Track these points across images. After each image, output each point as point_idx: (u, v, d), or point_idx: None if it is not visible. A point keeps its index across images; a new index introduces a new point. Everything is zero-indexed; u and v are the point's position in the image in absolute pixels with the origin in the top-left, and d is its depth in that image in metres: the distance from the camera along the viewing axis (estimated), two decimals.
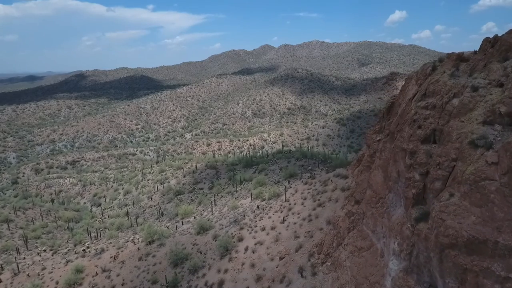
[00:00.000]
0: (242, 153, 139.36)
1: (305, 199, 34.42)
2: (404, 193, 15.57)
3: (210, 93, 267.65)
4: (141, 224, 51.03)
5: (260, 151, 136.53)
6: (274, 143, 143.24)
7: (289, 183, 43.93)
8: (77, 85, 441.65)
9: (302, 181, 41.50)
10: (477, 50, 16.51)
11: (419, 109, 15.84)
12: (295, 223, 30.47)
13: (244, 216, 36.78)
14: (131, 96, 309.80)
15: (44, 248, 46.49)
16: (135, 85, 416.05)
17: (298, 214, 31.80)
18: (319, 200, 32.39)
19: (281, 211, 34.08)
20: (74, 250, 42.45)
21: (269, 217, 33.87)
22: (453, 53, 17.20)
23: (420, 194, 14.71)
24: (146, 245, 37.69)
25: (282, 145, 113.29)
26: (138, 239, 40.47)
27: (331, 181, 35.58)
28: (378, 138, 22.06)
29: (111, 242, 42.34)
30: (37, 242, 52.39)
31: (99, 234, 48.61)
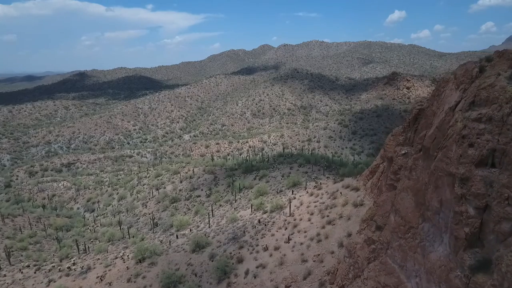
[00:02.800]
0: (241, 155, 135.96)
1: (312, 214, 30.96)
2: (452, 230, 12.12)
3: (209, 93, 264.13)
4: (133, 236, 47.57)
5: (260, 153, 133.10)
6: (274, 144, 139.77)
7: (292, 193, 40.47)
8: (75, 85, 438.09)
9: (307, 192, 38.04)
10: None
11: (468, 122, 12.40)
12: (301, 244, 27.01)
13: (244, 232, 33.29)
14: (130, 96, 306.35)
15: (27, 264, 42.94)
16: (134, 85, 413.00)
17: (305, 232, 28.34)
18: (328, 216, 28.93)
19: (286, 228, 30.62)
20: (59, 267, 38.93)
21: (272, 235, 30.42)
22: (505, 50, 13.76)
23: (476, 233, 11.27)
24: (136, 263, 34.20)
25: (283, 148, 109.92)
26: (128, 256, 36.96)
27: (341, 193, 32.14)
28: (403, 152, 18.61)
29: (99, 258, 38.83)
30: (22, 255, 48.89)
31: (87, 248, 45.06)
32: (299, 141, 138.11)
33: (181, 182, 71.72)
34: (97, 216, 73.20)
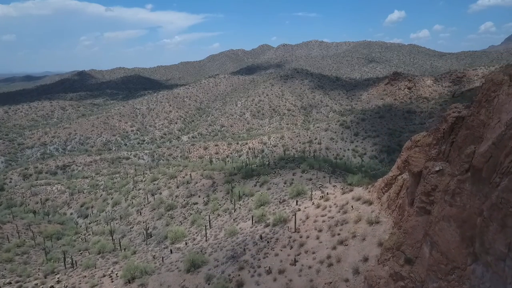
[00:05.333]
0: (240, 157, 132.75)
1: (320, 230, 27.72)
2: None
3: (208, 93, 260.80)
4: (125, 249, 44.28)
5: (260, 155, 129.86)
6: (275, 146, 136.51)
7: (297, 204, 37.22)
8: (73, 86, 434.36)
9: (313, 203, 34.78)
10: None
11: None
12: (310, 267, 23.76)
13: (244, 249, 30.02)
14: (128, 97, 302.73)
15: (9, 280, 39.62)
16: (132, 85, 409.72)
17: (313, 253, 25.08)
18: (339, 234, 25.68)
19: (291, 247, 27.35)
20: (42, 285, 35.64)
21: (276, 255, 27.15)
22: None
23: None
24: (125, 283, 30.93)
25: (284, 150, 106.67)
26: (116, 274, 33.68)
27: (352, 207, 28.88)
28: (437, 169, 15.38)
29: (85, 276, 35.55)
30: (5, 269, 45.54)
31: (74, 263, 41.70)
32: (299, 142, 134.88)
33: (177, 187, 68.47)
34: (89, 223, 69.97)
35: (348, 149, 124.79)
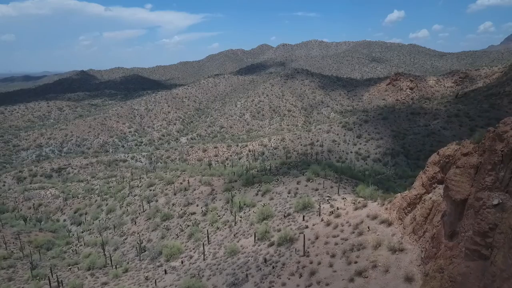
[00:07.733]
0: (240, 160, 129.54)
1: (333, 256, 24.36)
2: None
3: (207, 94, 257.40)
4: (116, 266, 40.87)
5: (260, 158, 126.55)
6: (275, 148, 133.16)
7: (303, 219, 33.86)
8: (72, 86, 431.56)
9: (322, 220, 31.42)
10: None
11: None
12: None
13: (246, 275, 26.65)
14: (127, 97, 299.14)
15: None
16: (131, 85, 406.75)
17: (327, 285, 21.71)
18: (356, 263, 22.34)
19: (300, 275, 23.99)
20: None
21: (283, 284, 23.78)
22: None
23: None
24: None
25: (285, 153, 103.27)
26: None
27: (368, 228, 25.53)
28: (495, 202, 12.08)
29: None
30: None
31: (60, 282, 38.28)
32: (301, 144, 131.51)
33: (175, 194, 65.08)
34: (82, 232, 66.56)
35: (351, 152, 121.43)
